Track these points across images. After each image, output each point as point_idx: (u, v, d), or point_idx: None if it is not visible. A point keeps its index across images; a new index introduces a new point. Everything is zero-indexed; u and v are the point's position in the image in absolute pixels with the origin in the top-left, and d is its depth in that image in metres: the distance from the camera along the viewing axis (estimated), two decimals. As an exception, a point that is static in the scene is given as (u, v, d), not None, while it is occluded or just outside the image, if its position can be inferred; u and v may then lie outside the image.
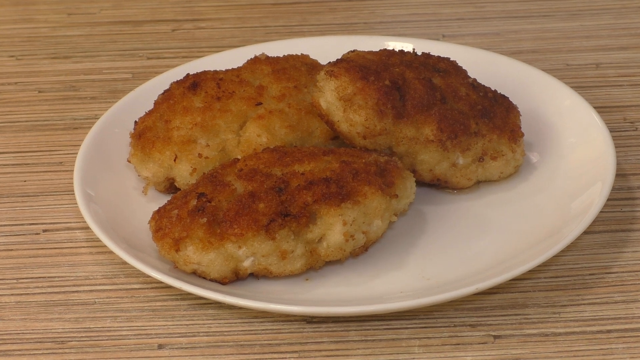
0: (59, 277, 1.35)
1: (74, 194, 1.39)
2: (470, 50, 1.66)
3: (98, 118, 1.56)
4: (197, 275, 1.28)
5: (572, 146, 1.47)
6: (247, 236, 1.25)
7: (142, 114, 1.48)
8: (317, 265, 1.29)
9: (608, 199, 1.38)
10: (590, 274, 1.32)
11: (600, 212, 1.35)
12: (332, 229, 1.27)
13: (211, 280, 1.28)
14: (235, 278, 1.29)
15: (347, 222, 1.27)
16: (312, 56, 1.56)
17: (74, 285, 1.33)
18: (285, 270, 1.28)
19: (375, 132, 1.35)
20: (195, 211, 1.27)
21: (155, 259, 1.31)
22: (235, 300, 1.23)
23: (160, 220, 1.30)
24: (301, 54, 1.55)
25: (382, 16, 1.93)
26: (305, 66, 1.51)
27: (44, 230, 1.42)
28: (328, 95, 1.37)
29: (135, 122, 1.47)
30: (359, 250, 1.31)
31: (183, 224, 1.27)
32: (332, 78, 1.36)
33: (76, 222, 1.43)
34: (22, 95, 1.72)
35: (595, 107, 1.52)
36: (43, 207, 1.46)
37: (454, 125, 1.37)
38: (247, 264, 1.27)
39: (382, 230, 1.31)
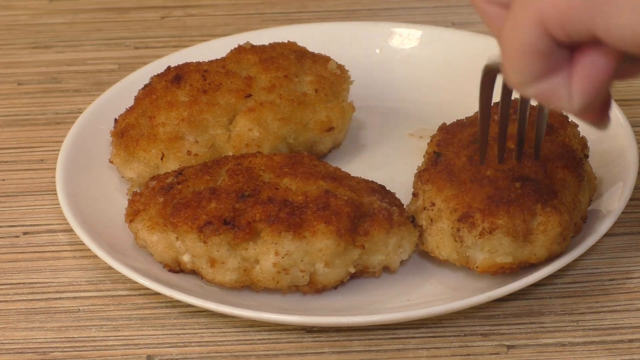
0: (40, 283, 1.35)
1: (56, 193, 1.40)
2: (483, 38, 1.66)
3: (82, 112, 1.56)
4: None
5: (590, 143, 1.47)
6: (181, 230, 1.26)
7: (130, 106, 1.49)
8: (254, 287, 1.28)
9: (630, 199, 1.38)
10: (610, 280, 1.33)
11: (622, 212, 1.36)
12: (266, 255, 1.25)
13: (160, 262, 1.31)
14: (178, 269, 1.30)
15: (280, 254, 1.24)
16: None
17: (56, 292, 1.34)
18: (215, 279, 1.27)
19: None
20: (165, 188, 1.30)
21: (142, 264, 1.31)
22: (227, 309, 1.24)
23: (144, 186, 1.35)
24: (288, 41, 1.56)
25: (387, 2, 1.93)
26: (293, 54, 1.52)
27: (24, 233, 1.43)
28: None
29: (116, 119, 1.48)
30: (307, 289, 1.28)
31: (147, 197, 1.31)
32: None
33: (58, 224, 1.43)
34: (0, 87, 1.73)
35: (615, 100, 1.52)
36: (23, 207, 1.47)
37: None
38: (186, 258, 1.28)
39: (336, 278, 1.27)
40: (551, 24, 0.94)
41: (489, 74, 1.18)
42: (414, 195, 1.34)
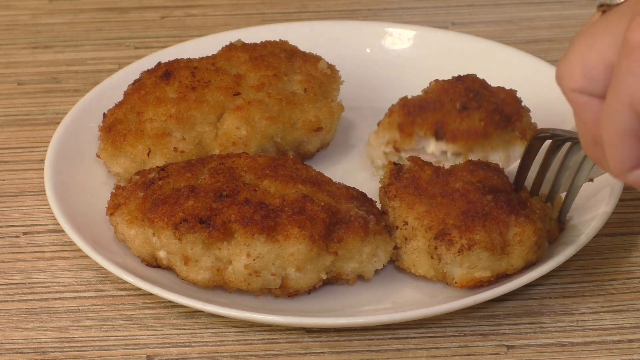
0: (40, 283, 1.35)
1: (56, 193, 1.40)
2: (474, 39, 1.66)
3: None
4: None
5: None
6: (157, 225, 1.27)
7: (119, 101, 1.49)
8: (227, 287, 1.28)
9: (630, 199, 1.38)
10: (610, 280, 1.33)
11: (622, 213, 1.36)
12: (238, 256, 1.25)
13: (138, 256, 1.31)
14: (155, 264, 1.31)
15: (252, 256, 1.24)
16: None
17: (56, 292, 1.34)
18: (189, 277, 1.27)
19: None
20: (147, 184, 1.31)
21: (140, 264, 1.31)
22: (229, 311, 1.24)
23: (128, 181, 1.35)
24: (279, 39, 1.56)
25: (387, 2, 1.93)
26: (284, 52, 1.52)
27: (24, 233, 1.43)
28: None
29: (104, 114, 1.48)
30: (279, 293, 1.27)
31: (129, 191, 1.32)
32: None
33: (58, 224, 1.43)
34: (0, 87, 1.72)
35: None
36: (23, 208, 1.47)
37: None
38: (162, 254, 1.28)
39: (308, 283, 1.26)
40: None
41: (538, 140, 1.27)
42: (383, 212, 1.33)
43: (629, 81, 0.94)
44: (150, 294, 1.30)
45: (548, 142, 1.28)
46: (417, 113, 1.41)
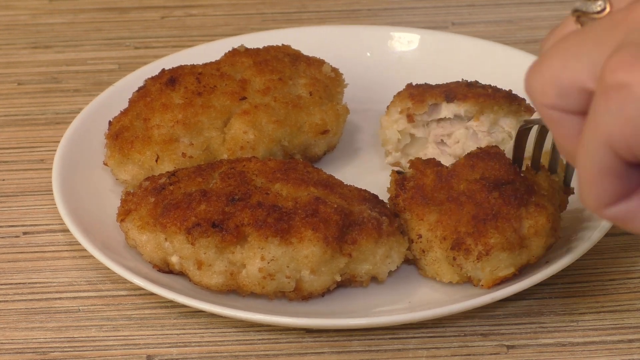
0: (40, 283, 1.35)
1: (56, 193, 1.40)
2: (477, 41, 1.67)
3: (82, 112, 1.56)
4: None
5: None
6: (170, 230, 1.26)
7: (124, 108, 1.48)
8: (241, 291, 1.27)
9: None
10: (610, 280, 1.33)
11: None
12: (252, 259, 1.24)
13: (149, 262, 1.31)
14: (167, 269, 1.30)
15: (266, 259, 1.24)
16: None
17: (56, 292, 1.34)
18: (202, 282, 1.27)
19: None
20: (158, 189, 1.31)
21: (140, 265, 1.31)
22: (222, 310, 1.23)
23: (138, 187, 1.35)
24: (282, 44, 1.56)
25: (387, 2, 1.94)
26: (287, 57, 1.52)
27: (24, 233, 1.43)
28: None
29: (110, 122, 1.47)
30: (293, 296, 1.27)
31: (139, 196, 1.31)
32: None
33: (58, 224, 1.43)
34: (0, 87, 1.73)
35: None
36: (23, 207, 1.47)
37: None
38: (174, 259, 1.28)
39: (322, 286, 1.26)
40: (619, 146, 0.95)
41: (526, 130, 1.27)
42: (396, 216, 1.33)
43: (606, 120, 0.94)
44: (151, 294, 1.30)
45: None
46: (426, 87, 1.46)
